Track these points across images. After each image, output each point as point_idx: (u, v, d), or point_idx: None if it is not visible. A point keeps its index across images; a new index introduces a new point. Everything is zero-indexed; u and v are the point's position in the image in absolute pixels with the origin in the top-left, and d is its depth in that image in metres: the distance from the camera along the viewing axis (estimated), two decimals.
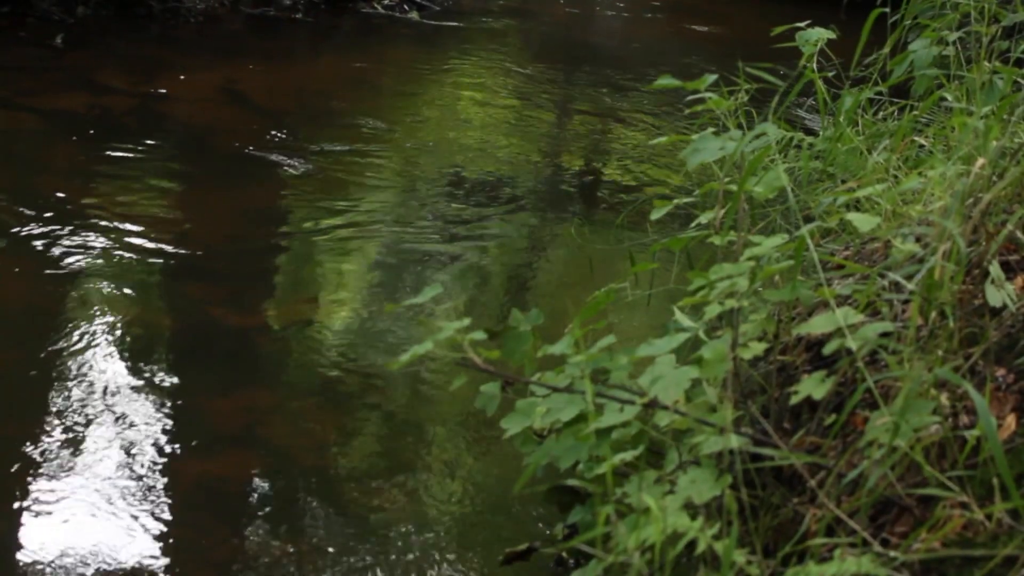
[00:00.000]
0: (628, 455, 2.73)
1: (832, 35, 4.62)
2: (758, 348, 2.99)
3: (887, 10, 4.79)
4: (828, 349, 2.78)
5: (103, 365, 4.79)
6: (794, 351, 3.28)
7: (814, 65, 4.47)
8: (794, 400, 2.82)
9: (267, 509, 4.04)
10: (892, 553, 2.35)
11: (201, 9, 10.78)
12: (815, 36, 4.61)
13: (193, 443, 4.36)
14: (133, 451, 4.23)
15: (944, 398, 2.60)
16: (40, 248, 5.73)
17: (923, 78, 4.61)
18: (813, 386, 2.73)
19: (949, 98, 4.38)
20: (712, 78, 3.92)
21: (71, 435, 4.28)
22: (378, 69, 10.14)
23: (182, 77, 9.04)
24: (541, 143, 8.60)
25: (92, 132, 7.56)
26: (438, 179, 7.47)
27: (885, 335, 2.76)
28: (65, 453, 4.17)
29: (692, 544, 2.55)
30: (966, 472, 2.47)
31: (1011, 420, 2.63)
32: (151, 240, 5.98)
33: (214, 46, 10.26)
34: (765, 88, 4.47)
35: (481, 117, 9.03)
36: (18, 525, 3.80)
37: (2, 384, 4.64)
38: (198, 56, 9.81)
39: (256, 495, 4.13)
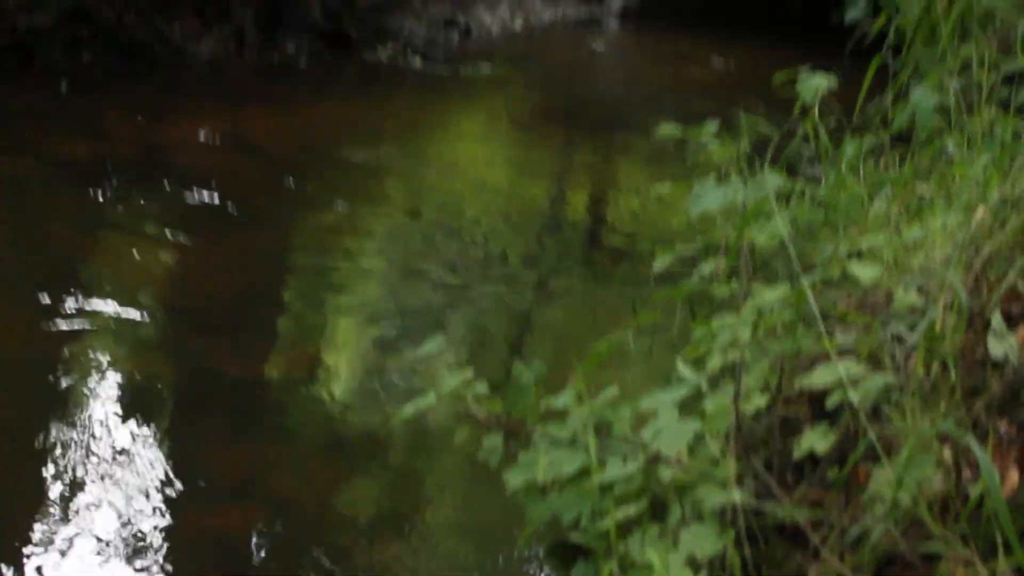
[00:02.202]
0: (631, 509, 2.72)
1: (833, 83, 4.62)
2: (760, 401, 2.98)
3: (889, 58, 4.81)
4: (830, 402, 2.77)
5: (104, 416, 4.78)
6: (796, 403, 3.27)
7: (815, 114, 4.47)
8: (797, 454, 2.81)
9: (270, 563, 4.02)
10: None
11: (206, 55, 10.83)
12: (816, 84, 4.61)
13: (195, 495, 4.34)
14: (134, 503, 4.21)
15: (947, 452, 2.58)
16: (41, 296, 5.73)
17: (924, 126, 4.61)
18: (816, 440, 2.72)
19: (950, 146, 4.38)
20: (714, 126, 3.93)
21: (71, 487, 4.27)
22: (381, 116, 10.17)
23: (186, 123, 9.07)
24: (542, 191, 8.61)
25: (94, 178, 7.57)
26: (440, 227, 7.47)
27: (887, 387, 2.75)
28: (65, 505, 4.16)
29: None
30: (969, 527, 2.45)
31: (1014, 474, 2.62)
32: (153, 289, 5.98)
33: (218, 92, 10.29)
34: (767, 135, 4.48)
35: (482, 165, 9.05)
36: None
37: (2, 434, 4.63)
38: (202, 102, 9.84)
39: (258, 548, 4.11)
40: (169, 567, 3.90)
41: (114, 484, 4.32)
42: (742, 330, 2.89)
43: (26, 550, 3.90)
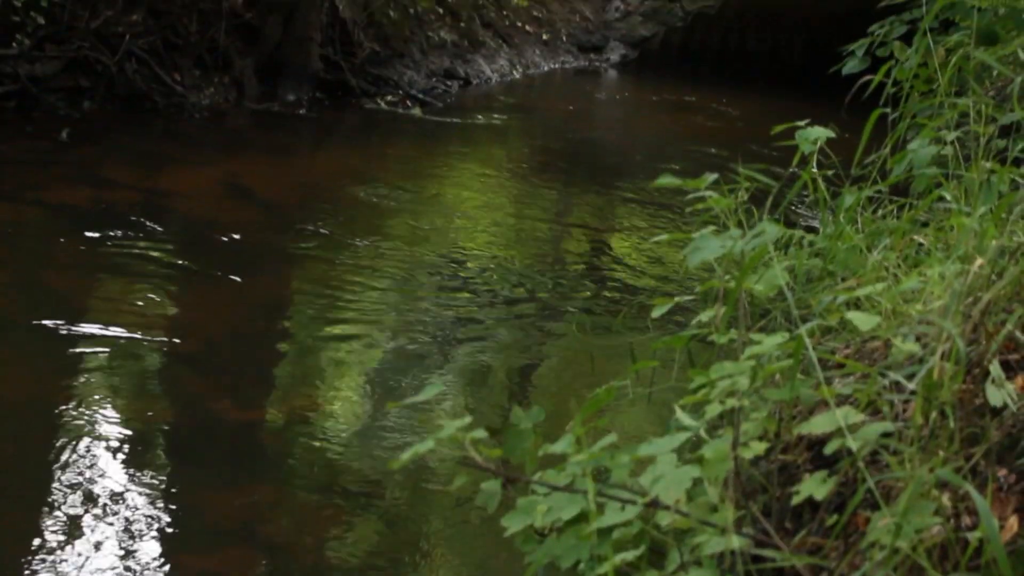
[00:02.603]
0: (629, 555, 2.72)
1: (832, 134, 4.65)
2: (759, 448, 2.98)
3: (888, 110, 4.84)
4: (829, 449, 2.78)
5: (103, 459, 4.77)
6: (795, 450, 3.27)
7: (813, 165, 4.50)
8: (796, 500, 2.81)
9: None
10: None
11: (206, 104, 10.89)
12: (814, 135, 4.64)
13: (193, 539, 4.33)
14: (132, 546, 4.20)
15: (946, 499, 2.59)
16: (42, 341, 5.74)
17: (922, 177, 4.64)
18: (815, 486, 2.72)
19: (948, 197, 4.40)
20: (712, 177, 3.95)
21: (70, 530, 4.26)
22: (380, 165, 10.22)
23: (186, 171, 9.11)
24: (541, 240, 8.63)
25: (95, 226, 7.59)
26: (439, 275, 7.49)
27: (886, 435, 2.75)
28: (64, 548, 4.15)
29: None
30: (969, 575, 2.45)
31: (1013, 521, 2.62)
32: (153, 334, 5.99)
33: (218, 141, 10.34)
34: (765, 186, 4.50)
35: (482, 213, 9.07)
36: None
37: (2, 478, 4.62)
38: (202, 151, 9.89)
39: None
40: None
41: (112, 526, 4.31)
42: (741, 378, 2.89)
43: None
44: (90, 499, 4.47)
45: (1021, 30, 5.47)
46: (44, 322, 5.93)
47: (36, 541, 4.17)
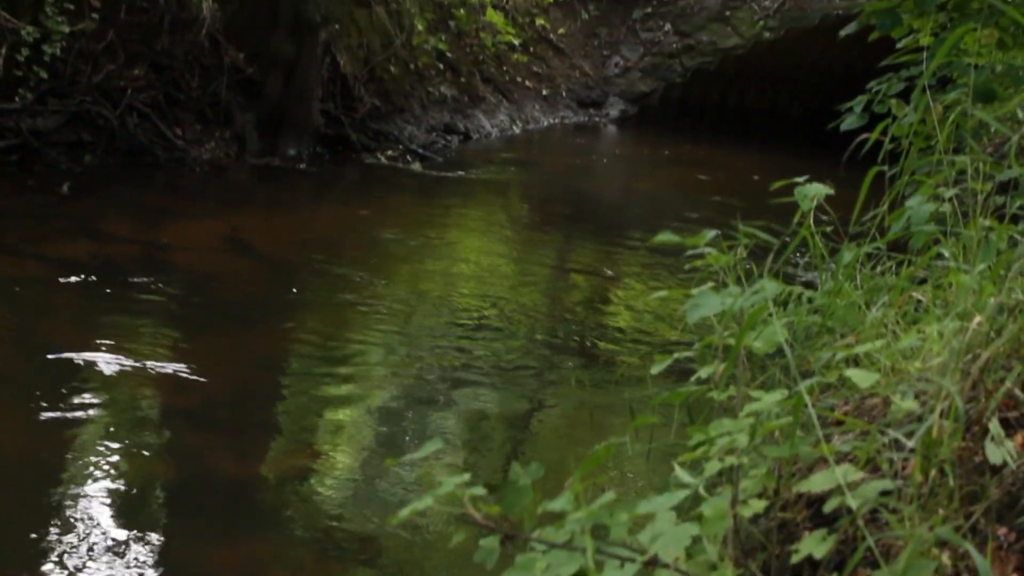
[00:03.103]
0: None
1: (830, 191, 4.66)
2: (758, 505, 2.98)
3: (885, 168, 4.86)
4: (828, 507, 2.77)
5: (101, 513, 4.76)
6: (795, 508, 3.26)
7: (811, 222, 4.51)
8: (795, 559, 2.80)
9: None
10: None
11: (207, 159, 10.93)
12: (813, 192, 4.65)
13: None
14: None
15: (946, 558, 2.58)
16: (40, 395, 5.73)
17: (920, 234, 4.65)
18: (814, 545, 2.72)
19: (946, 254, 4.41)
20: (711, 234, 3.96)
21: None
22: (380, 219, 10.23)
23: (186, 225, 9.13)
24: (540, 296, 8.64)
25: (95, 280, 7.60)
26: (437, 331, 7.49)
27: (885, 493, 2.75)
28: None
29: None
30: None
31: None
32: (151, 388, 5.99)
33: (219, 195, 10.37)
34: (764, 242, 4.51)
35: (480, 269, 9.08)
36: None
37: (3, 529, 4.61)
38: (203, 205, 9.91)
39: None
40: None
41: None
42: (740, 435, 2.89)
43: None
44: (89, 552, 4.45)
45: (1018, 87, 5.50)
46: (42, 376, 5.93)
47: None
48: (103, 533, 4.61)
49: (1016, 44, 5.47)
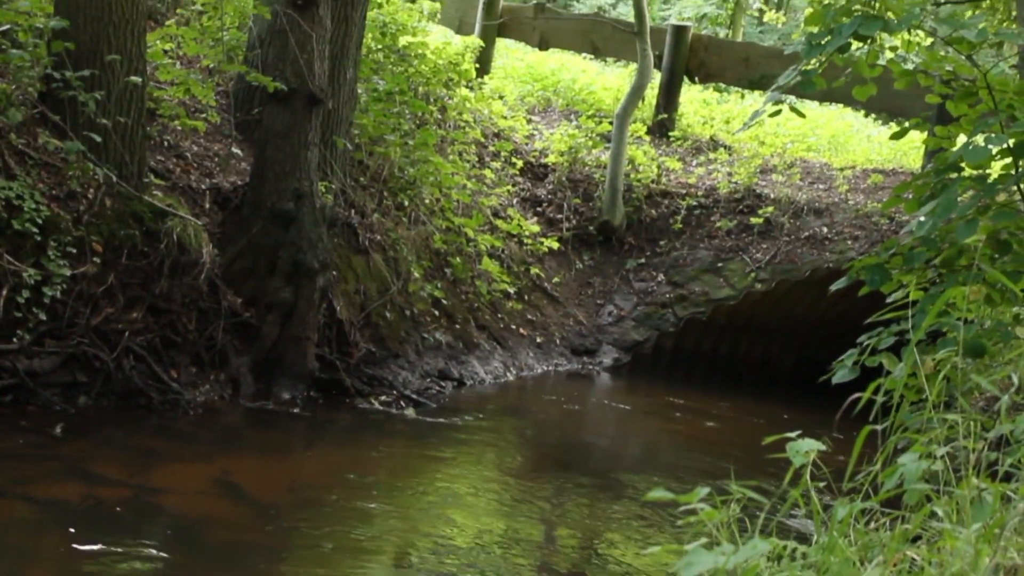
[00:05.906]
0: None
1: (823, 447, 4.68)
2: None
3: (878, 427, 4.89)
4: None
5: None
6: None
7: (807, 479, 4.52)
8: None
9: None
10: None
11: (201, 401, 10.93)
12: (805, 447, 4.67)
13: None
14: None
15: None
16: None
17: (913, 491, 4.65)
18: None
19: (939, 512, 4.41)
20: (704, 491, 3.96)
21: None
22: (372, 465, 10.20)
23: (178, 468, 9.10)
24: (530, 549, 8.55)
25: (83, 523, 7.54)
26: None
27: None
28: None
29: None
30: None
31: None
32: None
33: (211, 438, 10.35)
34: (758, 503, 4.50)
35: (471, 519, 9.02)
36: None
37: None
38: (195, 448, 9.89)
39: None
40: None
41: None
42: None
43: None
44: None
45: (1006, 343, 5.58)
46: None
47: None
48: None
49: (1004, 300, 5.57)
